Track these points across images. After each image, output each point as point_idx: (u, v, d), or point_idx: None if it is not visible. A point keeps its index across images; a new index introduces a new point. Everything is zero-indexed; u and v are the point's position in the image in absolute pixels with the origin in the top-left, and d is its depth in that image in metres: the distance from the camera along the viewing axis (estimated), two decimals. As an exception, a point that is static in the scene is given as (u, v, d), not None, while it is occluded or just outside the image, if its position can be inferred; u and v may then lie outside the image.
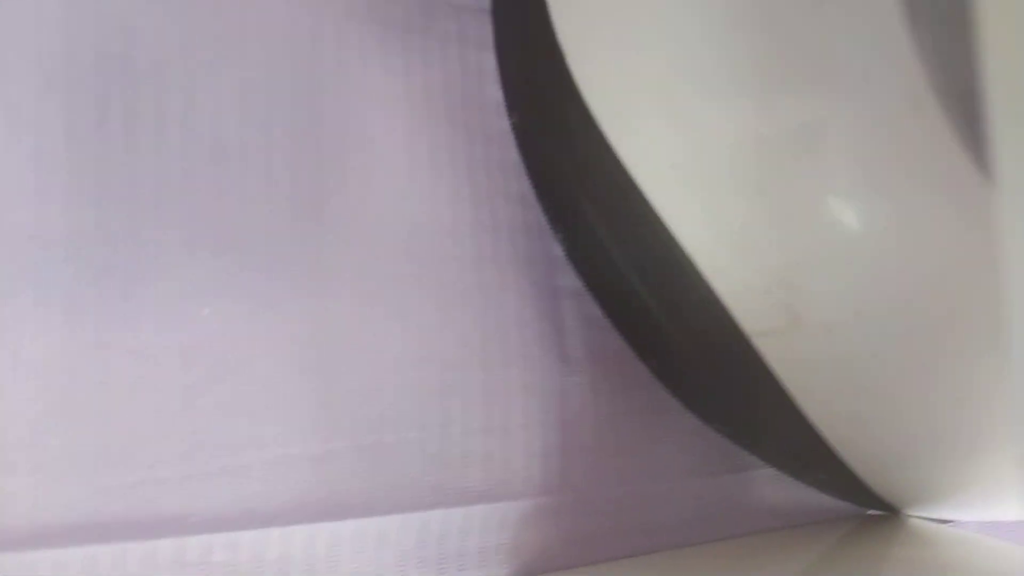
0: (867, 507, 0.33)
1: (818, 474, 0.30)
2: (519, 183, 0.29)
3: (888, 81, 0.22)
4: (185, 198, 0.24)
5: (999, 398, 0.22)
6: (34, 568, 0.21)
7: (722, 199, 0.25)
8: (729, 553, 0.30)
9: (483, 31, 0.29)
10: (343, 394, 0.25)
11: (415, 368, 0.26)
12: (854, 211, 0.24)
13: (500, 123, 0.29)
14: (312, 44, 0.26)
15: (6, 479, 0.22)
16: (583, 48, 0.27)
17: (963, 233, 0.22)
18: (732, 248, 0.26)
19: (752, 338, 0.27)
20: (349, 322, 0.25)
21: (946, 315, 0.23)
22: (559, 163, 0.29)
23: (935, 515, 0.32)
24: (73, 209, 0.23)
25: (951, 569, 0.28)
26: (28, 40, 0.23)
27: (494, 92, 0.29)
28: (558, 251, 0.29)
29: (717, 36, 0.24)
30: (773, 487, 0.32)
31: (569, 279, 0.29)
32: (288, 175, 0.25)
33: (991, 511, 0.29)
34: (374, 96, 0.27)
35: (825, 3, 0.22)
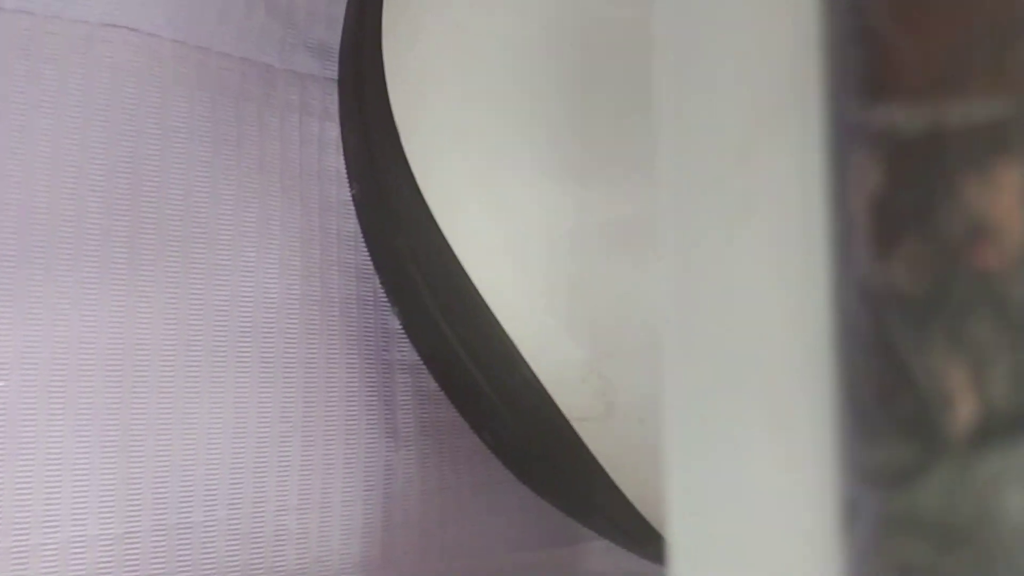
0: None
1: (647, 547, 0.30)
2: (357, 255, 0.29)
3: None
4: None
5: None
6: None
7: (539, 289, 0.25)
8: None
9: (327, 100, 0.29)
10: (148, 471, 0.24)
11: (228, 443, 0.26)
12: (661, 309, 0.24)
13: (340, 193, 0.29)
14: (133, 112, 0.26)
15: None
16: (416, 129, 0.27)
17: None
18: (550, 336, 0.26)
19: (573, 422, 0.27)
20: (158, 396, 0.25)
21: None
22: (394, 237, 0.29)
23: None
24: None
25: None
26: None
27: (335, 162, 0.29)
28: (394, 324, 0.29)
29: (536, 130, 0.24)
30: (607, 558, 0.32)
31: (404, 353, 0.29)
32: (99, 245, 0.25)
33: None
34: (200, 166, 0.26)
35: (633, 112, 0.22)
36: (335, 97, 0.29)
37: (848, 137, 0.10)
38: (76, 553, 0.23)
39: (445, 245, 0.27)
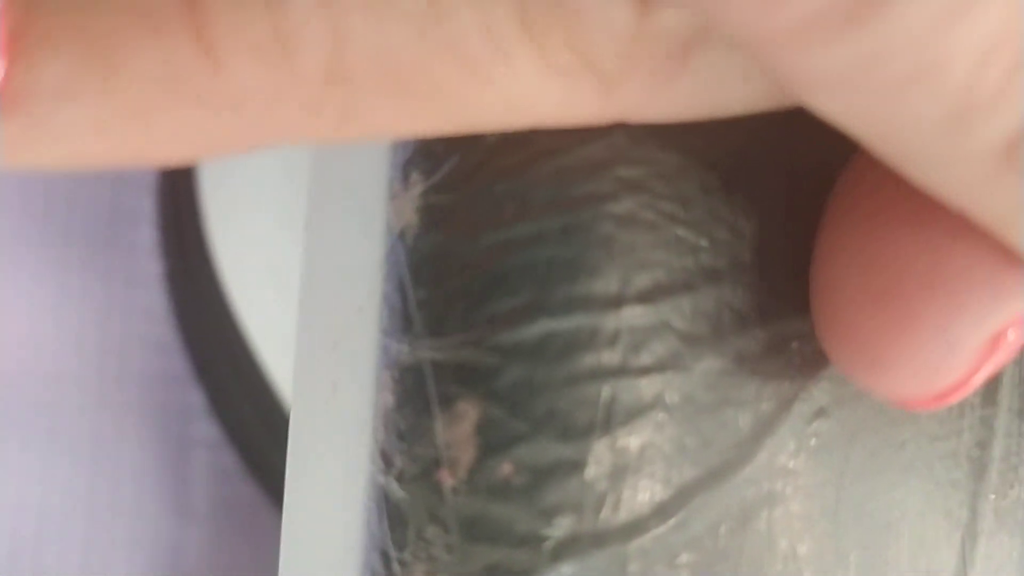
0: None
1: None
2: (160, 329, 0.29)
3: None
4: None
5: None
6: None
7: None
8: None
9: (144, 173, 0.29)
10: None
11: (8, 516, 0.26)
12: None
13: (149, 267, 0.29)
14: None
15: None
16: (219, 208, 0.28)
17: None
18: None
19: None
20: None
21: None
22: (203, 314, 0.29)
23: None
24: None
25: None
26: None
27: (146, 234, 0.29)
28: (195, 400, 0.29)
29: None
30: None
31: (204, 429, 0.29)
32: None
33: None
34: (4, 235, 0.26)
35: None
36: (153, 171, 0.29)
37: (382, 356, 0.11)
38: None
39: (239, 329, 0.27)
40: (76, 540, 0.27)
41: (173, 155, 0.09)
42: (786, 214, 0.11)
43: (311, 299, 0.13)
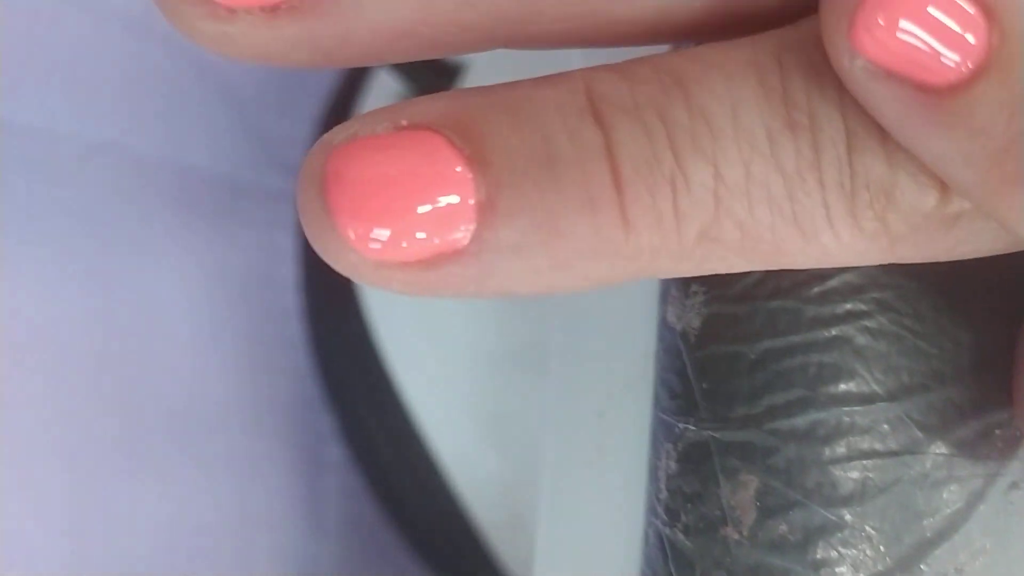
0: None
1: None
2: (296, 358, 0.31)
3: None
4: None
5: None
6: None
7: (462, 404, 0.29)
8: None
9: (284, 211, 0.32)
10: (97, 555, 0.27)
11: (171, 531, 0.28)
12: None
13: (287, 300, 0.32)
14: (114, 225, 0.28)
15: None
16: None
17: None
18: (468, 446, 0.29)
19: (486, 529, 0.30)
20: (108, 484, 0.27)
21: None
22: (341, 341, 0.32)
23: None
24: None
25: None
26: None
27: (287, 270, 0.32)
28: (325, 425, 0.32)
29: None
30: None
31: (335, 451, 0.32)
32: (61, 353, 0.27)
33: None
34: (169, 273, 0.29)
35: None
36: (289, 208, 0.32)
37: (661, 430, 0.14)
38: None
39: (382, 357, 0.30)
40: (227, 553, 0.29)
41: (569, 290, 0.11)
42: (993, 327, 0.14)
43: (575, 373, 0.16)
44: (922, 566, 0.13)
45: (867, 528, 0.13)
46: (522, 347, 0.28)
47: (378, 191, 0.11)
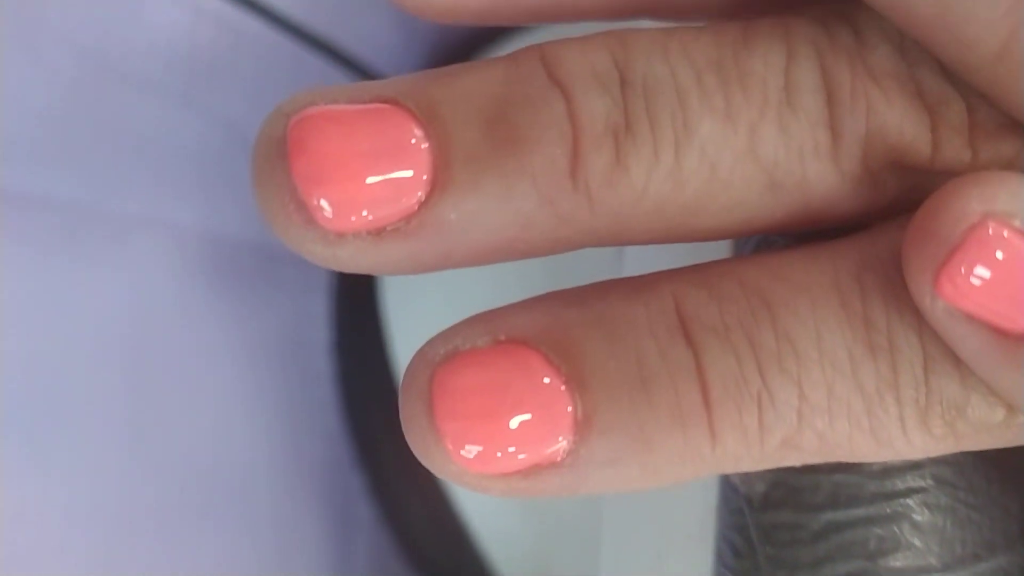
0: None
1: None
2: (327, 420, 0.32)
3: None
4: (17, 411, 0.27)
5: None
6: None
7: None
8: None
9: (327, 278, 0.33)
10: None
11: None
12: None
13: (319, 363, 0.32)
14: (152, 297, 0.29)
15: None
16: (401, 319, 0.31)
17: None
18: (498, 510, 0.30)
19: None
20: (145, 546, 0.28)
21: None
22: (372, 408, 0.32)
23: None
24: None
25: None
26: None
27: (319, 334, 0.32)
28: (355, 484, 0.33)
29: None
30: None
31: (364, 511, 0.33)
32: (103, 418, 0.28)
33: None
34: (204, 340, 0.30)
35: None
36: (336, 275, 0.33)
37: None
38: None
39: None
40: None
41: (653, 487, 0.12)
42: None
43: (633, 515, 0.16)
44: None
45: None
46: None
47: (478, 405, 0.11)
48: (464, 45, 0.31)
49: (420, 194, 0.12)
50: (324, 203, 0.11)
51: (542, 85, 0.12)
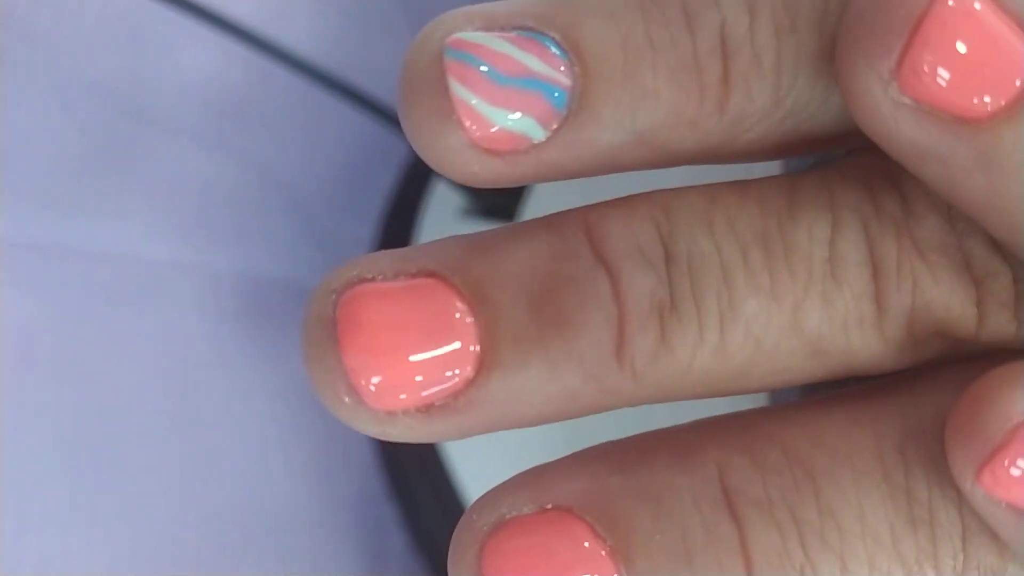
0: None
1: None
2: (360, 454, 0.33)
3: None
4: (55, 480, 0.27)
5: None
6: None
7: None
8: None
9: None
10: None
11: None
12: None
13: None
14: (188, 342, 0.29)
15: None
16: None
17: None
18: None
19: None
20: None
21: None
22: (408, 443, 0.33)
23: None
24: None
25: None
26: None
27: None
28: (388, 514, 0.33)
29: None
30: None
31: (397, 540, 0.33)
32: (145, 456, 0.28)
33: None
34: (242, 381, 0.30)
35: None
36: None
37: None
38: None
39: (443, 449, 0.31)
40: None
41: None
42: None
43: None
44: None
45: None
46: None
47: (525, 568, 0.12)
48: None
49: (468, 369, 0.12)
50: (373, 385, 0.12)
51: (588, 264, 0.12)
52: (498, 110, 0.12)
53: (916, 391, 0.13)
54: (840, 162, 0.13)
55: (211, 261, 0.30)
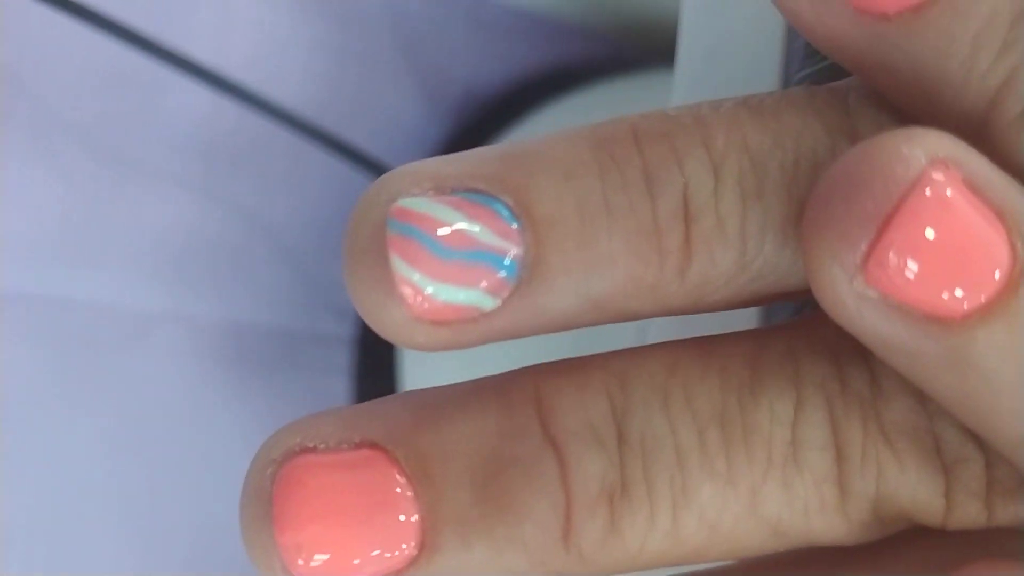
0: None
1: None
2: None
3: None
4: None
5: None
6: None
7: None
8: None
9: (349, 360, 0.32)
10: None
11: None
12: None
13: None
14: (170, 391, 0.29)
15: None
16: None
17: None
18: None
19: None
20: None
21: None
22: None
23: None
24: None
25: None
26: None
27: (343, 384, 0.32)
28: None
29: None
30: None
31: None
32: (126, 507, 0.28)
33: None
34: (227, 431, 0.30)
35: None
36: (357, 356, 0.33)
37: None
38: None
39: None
40: None
41: None
42: None
43: None
44: None
45: None
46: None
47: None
48: (470, 142, 0.31)
49: (410, 546, 0.11)
50: (310, 567, 0.11)
51: (535, 445, 0.11)
52: (443, 285, 0.11)
53: None
54: (810, 325, 0.12)
55: (194, 310, 0.29)
